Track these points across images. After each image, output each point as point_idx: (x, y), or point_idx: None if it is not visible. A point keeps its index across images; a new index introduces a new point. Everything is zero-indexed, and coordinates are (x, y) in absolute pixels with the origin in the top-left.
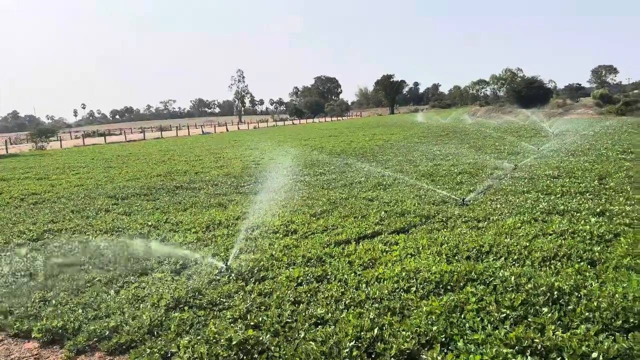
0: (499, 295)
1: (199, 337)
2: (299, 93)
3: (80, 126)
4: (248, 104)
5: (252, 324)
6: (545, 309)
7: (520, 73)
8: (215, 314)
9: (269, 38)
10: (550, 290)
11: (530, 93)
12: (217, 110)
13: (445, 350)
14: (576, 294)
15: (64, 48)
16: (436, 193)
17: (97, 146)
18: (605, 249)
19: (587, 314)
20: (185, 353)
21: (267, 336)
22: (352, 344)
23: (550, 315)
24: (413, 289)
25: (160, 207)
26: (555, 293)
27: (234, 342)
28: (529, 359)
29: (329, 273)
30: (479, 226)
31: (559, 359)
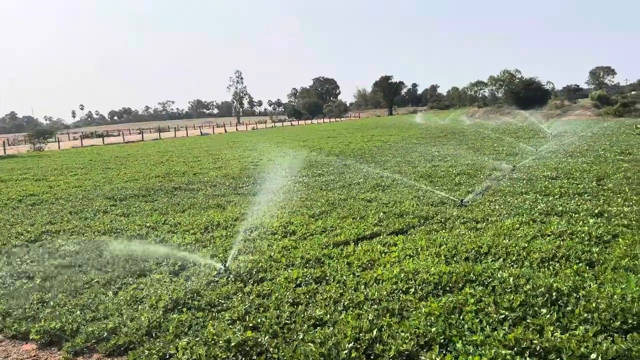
0: (498, 297)
1: (198, 339)
2: (297, 94)
3: (79, 127)
4: (246, 105)
5: (251, 325)
6: (544, 310)
7: (519, 74)
8: (214, 315)
9: (268, 39)
10: (548, 292)
11: (528, 94)
12: (216, 111)
13: (444, 352)
14: (575, 295)
15: (62, 49)
16: (435, 194)
17: (95, 147)
18: (603, 250)
19: (586, 315)
20: (183, 354)
21: (266, 337)
22: (351, 345)
23: (549, 316)
24: (412, 290)
25: (159, 209)
26: (554, 294)
27: (233, 344)
28: None
29: (328, 274)
30: (478, 227)
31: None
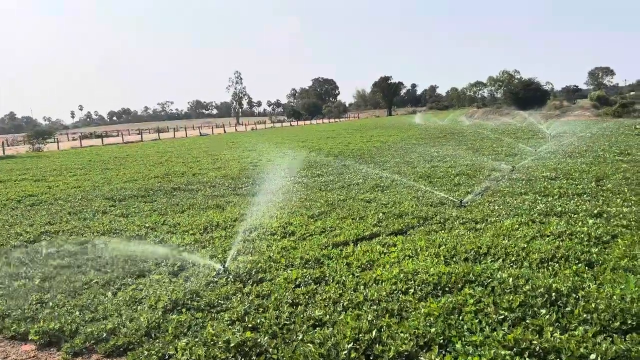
0: (497, 297)
1: (197, 339)
2: (296, 95)
3: (78, 128)
4: (246, 106)
5: (250, 325)
6: (543, 311)
7: (518, 75)
8: (213, 315)
9: (267, 39)
10: (548, 292)
11: (527, 95)
12: (215, 111)
13: (443, 352)
14: (574, 295)
15: (61, 49)
16: (434, 194)
17: (95, 148)
18: (602, 250)
19: (585, 315)
20: (182, 355)
21: (265, 338)
22: (350, 345)
23: (548, 316)
24: (411, 290)
25: (158, 209)
26: (553, 295)
27: (232, 344)
28: None
29: (327, 275)
30: (477, 228)
31: None
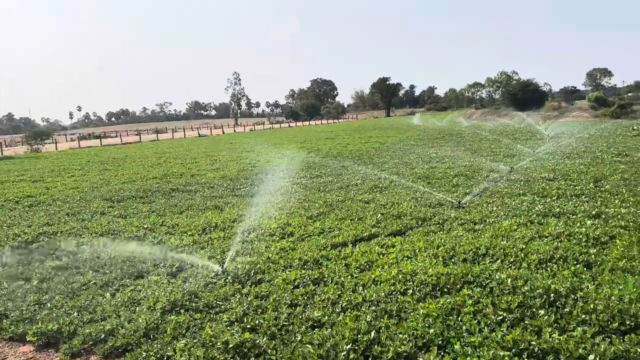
0: (496, 298)
1: (196, 341)
2: (295, 96)
3: (76, 128)
4: (244, 107)
5: (249, 327)
6: (541, 312)
7: (516, 76)
8: (212, 317)
9: (266, 40)
10: (546, 293)
11: (525, 96)
12: (214, 112)
13: (442, 353)
14: (572, 296)
15: (60, 50)
16: (432, 195)
17: (93, 148)
18: (601, 251)
19: (584, 316)
20: (181, 356)
21: (264, 339)
22: (349, 346)
23: (546, 317)
24: (410, 291)
25: (156, 210)
26: (552, 295)
27: (231, 345)
28: None
29: (326, 276)
30: (475, 229)
31: None
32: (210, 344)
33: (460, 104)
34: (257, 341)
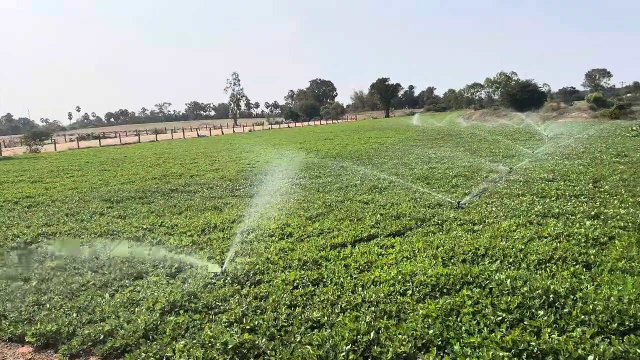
0: (495, 299)
1: (195, 341)
2: (294, 96)
3: (75, 129)
4: (243, 107)
5: (248, 327)
6: (541, 312)
7: (515, 77)
8: (211, 317)
9: (265, 41)
10: (546, 293)
11: (524, 96)
12: (213, 113)
13: (441, 354)
14: (572, 297)
15: (59, 51)
16: (431, 196)
17: (92, 149)
18: (600, 252)
19: (583, 317)
20: (180, 357)
21: (263, 340)
22: (349, 347)
23: (546, 318)
24: (409, 292)
25: (156, 211)
26: (551, 296)
27: (230, 346)
28: None
29: (325, 276)
30: (475, 229)
31: None
32: (210, 344)
33: (460, 104)
34: (257, 342)
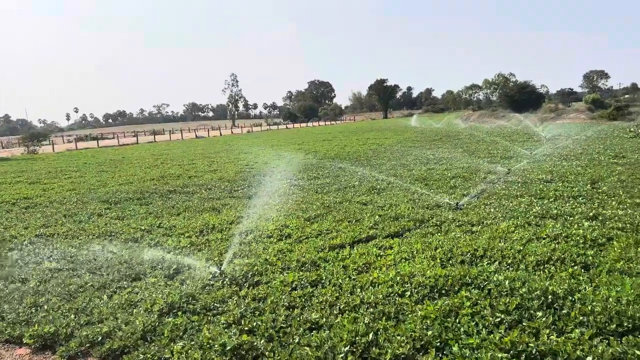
0: (494, 300)
1: (193, 343)
2: (292, 97)
3: (73, 130)
4: (242, 108)
5: (246, 329)
6: (539, 313)
7: (513, 78)
8: (209, 319)
9: (263, 42)
10: (544, 295)
11: (522, 98)
12: (211, 114)
13: (440, 355)
14: (570, 298)
15: (57, 52)
16: (430, 197)
17: (90, 150)
18: (598, 253)
19: (582, 318)
20: (178, 359)
21: (262, 341)
22: (347, 348)
23: (544, 319)
24: (408, 293)
25: (154, 212)
26: (550, 297)
27: (228, 348)
28: None
29: (324, 277)
30: (473, 230)
31: None
32: (208, 346)
33: (458, 105)
34: (255, 343)
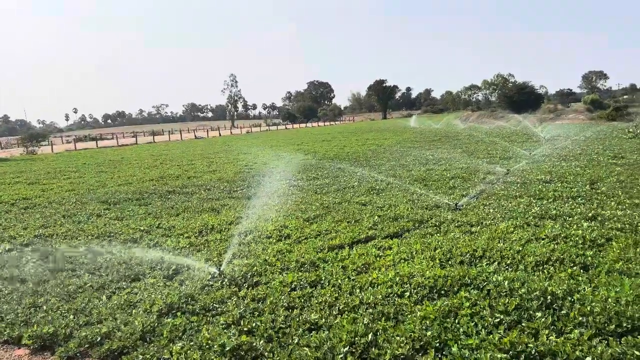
0: (493, 300)
1: (192, 343)
2: (291, 98)
3: (72, 130)
4: (241, 109)
5: (246, 329)
6: (538, 314)
7: (512, 78)
8: (208, 319)
9: (262, 42)
10: (543, 295)
11: (521, 98)
12: (210, 114)
13: (439, 356)
14: (569, 298)
15: (56, 52)
16: (429, 198)
17: (89, 150)
18: (597, 253)
19: (581, 318)
20: (178, 359)
21: (261, 342)
22: (346, 349)
23: (544, 319)
24: (407, 293)
25: (153, 212)
26: (549, 298)
27: (227, 348)
28: None
29: (323, 278)
30: (472, 231)
31: None
32: (207, 346)
33: (457, 106)
34: (254, 344)
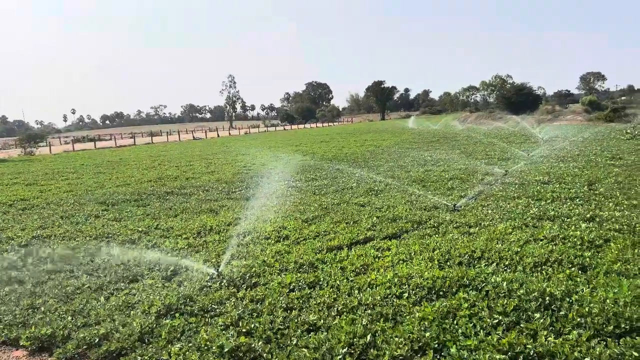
0: (491, 301)
1: (190, 345)
2: (290, 99)
3: (70, 131)
4: (239, 110)
5: (244, 330)
6: (537, 315)
7: (510, 80)
8: (207, 320)
9: (261, 43)
10: (542, 296)
11: (519, 99)
12: (208, 115)
13: (438, 357)
14: (568, 299)
15: (54, 53)
16: (427, 199)
17: (87, 151)
18: (595, 254)
19: (579, 319)
20: None
21: (259, 343)
22: (345, 350)
23: (542, 320)
24: (405, 294)
25: (151, 213)
26: (547, 299)
27: (226, 349)
28: None
29: (321, 279)
30: (471, 232)
31: None
32: (206, 348)
33: (455, 107)
34: (253, 345)
